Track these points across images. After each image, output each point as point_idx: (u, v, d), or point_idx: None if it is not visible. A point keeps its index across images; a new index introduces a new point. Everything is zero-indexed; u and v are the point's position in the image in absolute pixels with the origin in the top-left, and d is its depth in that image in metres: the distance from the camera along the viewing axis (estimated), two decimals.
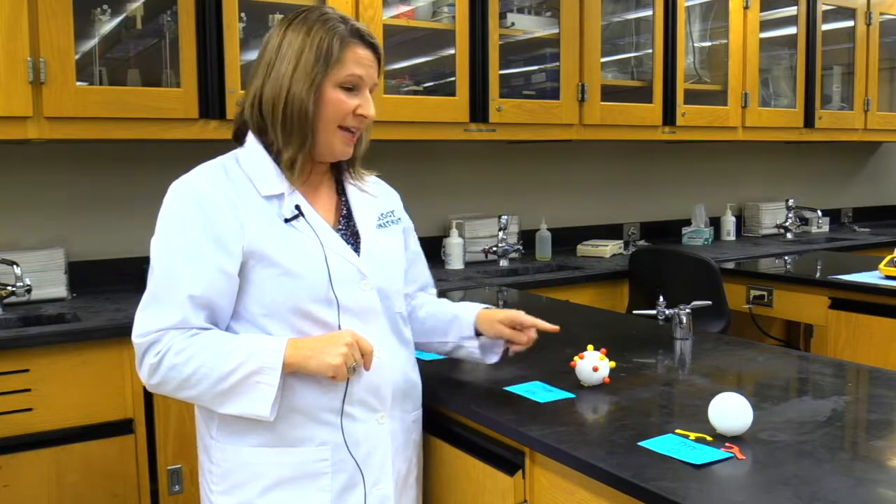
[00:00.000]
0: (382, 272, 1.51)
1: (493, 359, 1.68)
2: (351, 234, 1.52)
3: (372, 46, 1.47)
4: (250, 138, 1.49)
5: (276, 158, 1.46)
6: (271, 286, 1.40)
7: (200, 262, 1.37)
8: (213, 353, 1.34)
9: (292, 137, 1.43)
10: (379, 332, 1.49)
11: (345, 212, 1.54)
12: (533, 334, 1.62)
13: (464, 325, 1.66)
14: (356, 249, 1.49)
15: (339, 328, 1.42)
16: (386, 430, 1.49)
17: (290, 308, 1.40)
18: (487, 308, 1.68)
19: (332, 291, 1.42)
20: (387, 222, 1.59)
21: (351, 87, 1.44)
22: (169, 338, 1.35)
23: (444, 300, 1.76)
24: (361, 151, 1.56)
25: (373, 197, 1.59)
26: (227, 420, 1.41)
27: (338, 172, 1.58)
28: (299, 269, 1.40)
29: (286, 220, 1.43)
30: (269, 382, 1.34)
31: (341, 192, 1.57)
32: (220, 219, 1.38)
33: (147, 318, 1.37)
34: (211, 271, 1.37)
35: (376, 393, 1.47)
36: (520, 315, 1.61)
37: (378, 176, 1.65)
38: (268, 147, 1.47)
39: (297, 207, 1.44)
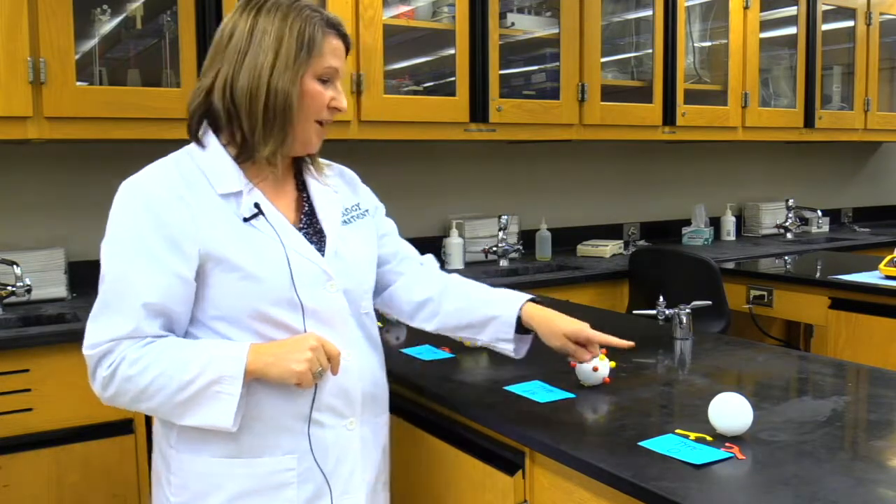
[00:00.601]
0: (349, 273, 1.43)
1: (523, 354, 1.58)
2: (314, 233, 1.44)
3: (344, 38, 1.41)
4: (205, 131, 1.39)
5: (238, 154, 1.37)
6: (231, 290, 1.32)
7: (153, 266, 1.28)
8: (170, 362, 1.26)
9: (273, 132, 1.34)
10: (347, 334, 1.41)
11: (307, 209, 1.46)
12: (597, 350, 1.54)
13: (502, 326, 1.54)
14: (320, 249, 1.41)
15: (305, 332, 1.34)
16: (356, 436, 1.42)
17: (251, 313, 1.32)
18: (532, 302, 1.55)
19: (295, 294, 1.33)
20: (352, 217, 1.50)
21: (326, 80, 1.38)
22: (122, 348, 1.27)
23: (470, 286, 1.62)
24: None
25: (334, 192, 1.50)
26: (187, 429, 1.33)
27: (296, 166, 1.49)
28: (260, 272, 1.32)
29: (245, 220, 1.34)
30: (230, 392, 1.26)
31: (301, 187, 1.48)
32: (173, 220, 1.30)
33: (98, 329, 1.29)
34: (165, 276, 1.28)
35: (345, 398, 1.40)
36: (586, 331, 1.52)
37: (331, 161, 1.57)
38: (223, 141, 1.39)
39: (257, 205, 1.36)
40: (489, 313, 1.55)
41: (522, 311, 1.53)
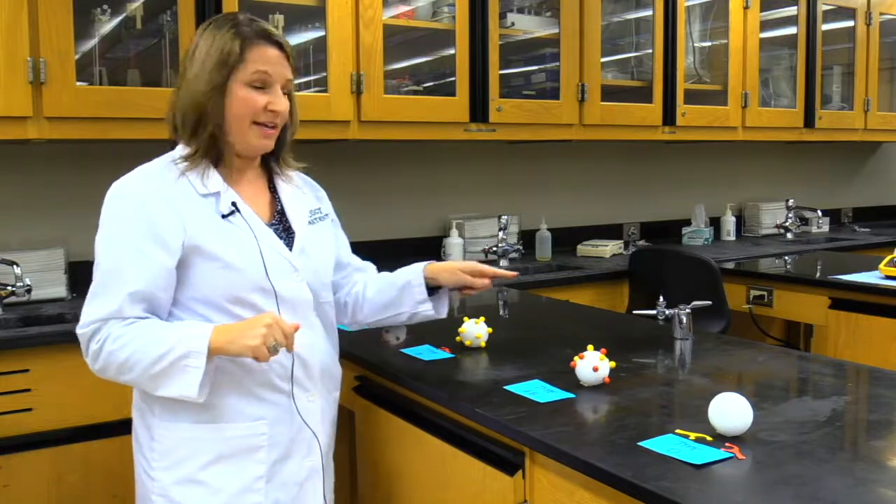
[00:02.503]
0: (311, 266, 1.62)
1: (445, 312, 1.80)
2: (284, 230, 1.62)
3: (278, 45, 1.54)
4: (181, 140, 1.56)
5: (214, 159, 1.54)
6: (211, 277, 1.49)
7: (140, 258, 1.45)
8: (146, 339, 1.43)
9: (198, 135, 1.51)
10: (309, 319, 1.60)
11: (279, 208, 1.64)
12: (488, 281, 1.77)
13: (416, 290, 1.75)
14: (289, 244, 1.59)
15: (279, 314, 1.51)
16: (316, 406, 1.61)
17: (229, 297, 1.50)
18: (430, 263, 1.77)
19: (268, 282, 1.51)
20: (315, 219, 1.68)
21: (261, 86, 1.52)
22: (108, 327, 1.44)
23: (384, 273, 1.83)
24: (285, 146, 1.65)
25: (302, 193, 1.69)
26: (169, 399, 1.48)
27: (268, 169, 1.67)
28: (237, 262, 1.49)
29: (223, 216, 1.52)
30: (195, 365, 1.41)
31: (272, 188, 1.66)
32: (159, 218, 1.47)
33: (89, 310, 1.47)
34: (152, 268, 1.46)
35: (306, 370, 1.58)
36: (479, 265, 1.77)
37: (304, 170, 1.74)
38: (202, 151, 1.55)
39: (234, 204, 1.53)
40: (400, 282, 1.77)
41: (426, 270, 1.76)
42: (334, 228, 1.78)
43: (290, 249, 1.59)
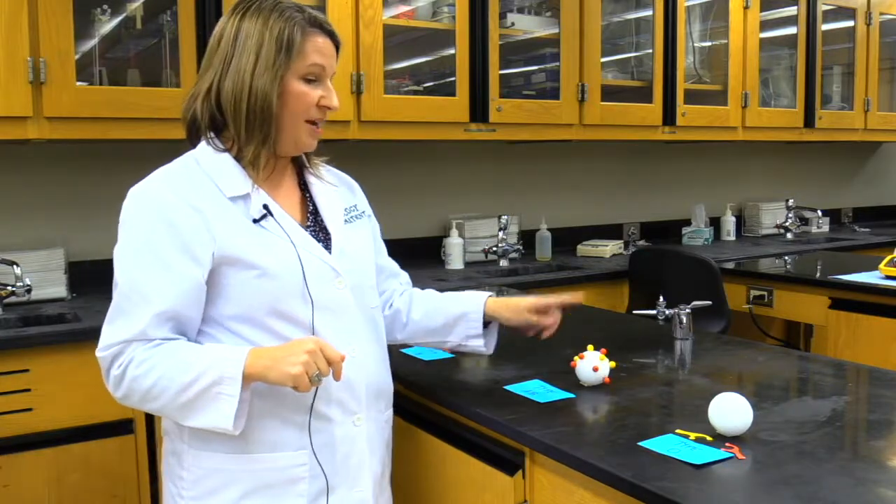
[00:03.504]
0: (355, 269, 1.47)
1: (494, 348, 1.66)
2: (320, 231, 1.48)
3: (331, 35, 1.43)
4: (206, 137, 1.42)
5: (237, 156, 1.41)
6: (249, 289, 1.35)
7: (167, 273, 1.32)
8: (174, 364, 1.29)
9: (255, 133, 1.37)
10: (354, 328, 1.45)
11: (311, 208, 1.50)
12: (558, 315, 1.63)
13: (471, 323, 1.61)
14: (327, 247, 1.45)
15: (313, 326, 1.38)
16: (363, 431, 1.45)
17: (267, 310, 1.36)
18: (493, 296, 1.63)
19: (307, 290, 1.38)
20: (352, 217, 1.54)
21: (313, 79, 1.40)
22: (131, 349, 1.30)
23: (431, 293, 1.70)
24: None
25: (335, 188, 1.55)
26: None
27: (297, 164, 1.54)
28: (276, 270, 1.36)
29: (254, 221, 1.38)
30: (229, 393, 1.27)
31: (303, 187, 1.52)
32: (186, 226, 1.33)
33: (110, 332, 1.33)
34: (178, 283, 1.32)
35: (351, 391, 1.43)
36: (545, 300, 1.62)
37: (331, 165, 1.61)
38: (225, 145, 1.42)
39: (265, 207, 1.39)
40: (456, 312, 1.62)
41: (486, 305, 1.62)
42: (371, 225, 1.63)
43: (329, 253, 1.45)
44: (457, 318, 1.62)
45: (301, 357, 1.27)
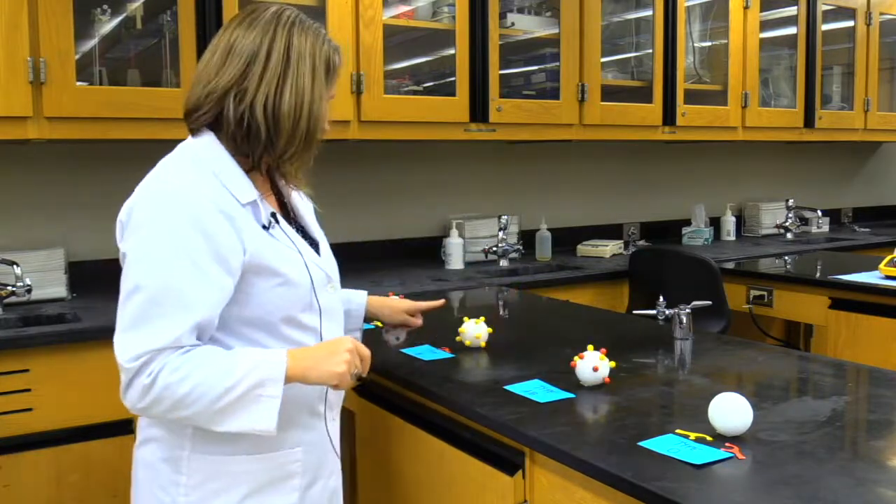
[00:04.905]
0: (336, 274, 1.54)
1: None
2: (304, 236, 1.51)
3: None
4: (211, 139, 1.40)
5: (242, 164, 1.40)
6: (269, 296, 1.37)
7: (205, 281, 1.29)
8: (211, 370, 1.27)
9: (305, 151, 1.41)
10: (341, 331, 1.54)
11: (293, 215, 1.54)
12: (419, 318, 1.84)
13: (353, 319, 1.74)
14: (317, 252, 1.51)
15: (321, 332, 1.45)
16: (336, 426, 1.55)
17: (284, 316, 1.39)
18: (372, 296, 1.79)
19: (315, 297, 1.43)
20: (317, 220, 1.62)
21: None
22: (163, 357, 1.26)
23: None
24: None
25: (297, 193, 1.58)
26: (202, 430, 1.34)
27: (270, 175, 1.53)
28: (294, 277, 1.39)
29: (264, 227, 1.39)
30: (271, 395, 1.28)
31: (278, 195, 1.53)
32: (219, 233, 1.31)
33: (138, 340, 1.27)
34: (216, 292, 1.30)
35: (338, 391, 1.51)
36: (419, 304, 1.83)
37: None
38: (231, 150, 1.40)
39: (273, 214, 1.41)
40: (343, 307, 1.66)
41: (368, 303, 1.78)
42: None
43: (320, 257, 1.50)
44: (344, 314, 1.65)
45: (344, 356, 1.35)
